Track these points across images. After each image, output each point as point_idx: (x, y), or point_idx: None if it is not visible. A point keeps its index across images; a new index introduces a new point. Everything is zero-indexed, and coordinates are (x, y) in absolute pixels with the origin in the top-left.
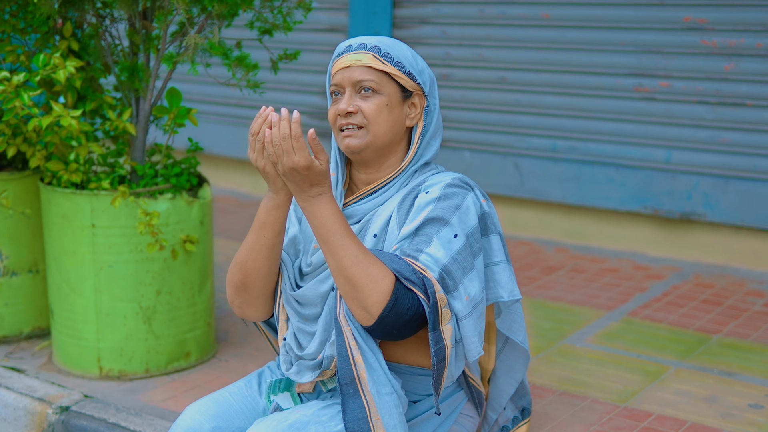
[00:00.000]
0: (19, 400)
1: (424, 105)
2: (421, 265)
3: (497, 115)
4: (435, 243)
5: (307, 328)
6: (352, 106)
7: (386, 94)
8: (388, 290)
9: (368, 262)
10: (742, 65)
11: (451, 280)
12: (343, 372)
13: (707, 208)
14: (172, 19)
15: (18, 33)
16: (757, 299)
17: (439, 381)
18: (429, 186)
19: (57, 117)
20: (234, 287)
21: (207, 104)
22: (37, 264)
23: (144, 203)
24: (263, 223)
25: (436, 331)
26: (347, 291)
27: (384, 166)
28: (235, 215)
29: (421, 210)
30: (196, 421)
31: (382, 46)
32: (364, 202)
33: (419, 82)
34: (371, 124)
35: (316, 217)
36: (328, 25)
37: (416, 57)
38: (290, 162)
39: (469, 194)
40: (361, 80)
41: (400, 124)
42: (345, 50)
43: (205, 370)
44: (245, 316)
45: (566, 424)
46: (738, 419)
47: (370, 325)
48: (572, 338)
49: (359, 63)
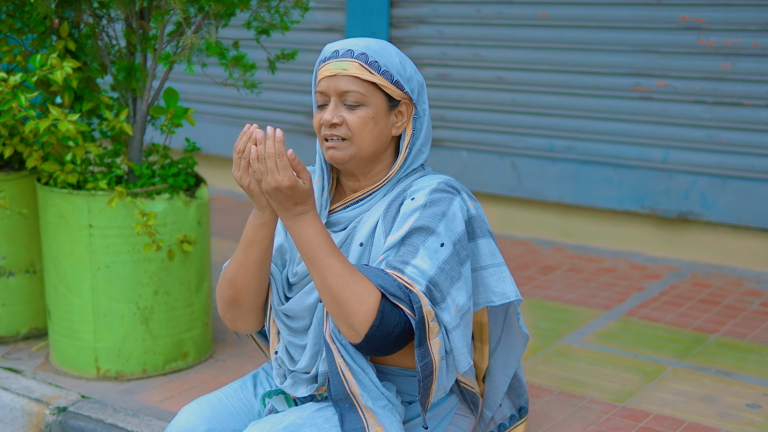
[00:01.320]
0: (16, 400)
1: (412, 112)
2: (407, 279)
3: (494, 115)
4: (421, 254)
5: (298, 341)
6: (336, 117)
7: (372, 106)
8: (374, 308)
9: (353, 280)
10: (740, 65)
11: (438, 291)
12: (336, 389)
13: (704, 207)
14: (169, 19)
15: (15, 33)
16: (754, 299)
17: (426, 395)
18: (414, 192)
19: (54, 120)
20: (224, 302)
21: (204, 104)
22: (34, 264)
23: (141, 203)
24: (251, 241)
25: (422, 347)
26: (333, 309)
27: (371, 174)
28: (232, 215)
29: (406, 218)
30: (190, 423)
31: (370, 53)
32: (351, 209)
33: (407, 91)
34: (355, 137)
35: (300, 235)
36: (325, 24)
37: (404, 63)
38: (274, 181)
39: (456, 199)
40: (346, 91)
41: (386, 135)
42: (331, 56)
43: (203, 370)
44: (237, 329)
45: (564, 424)
46: (736, 419)
47: (357, 342)
48: (570, 338)
49: (345, 72)
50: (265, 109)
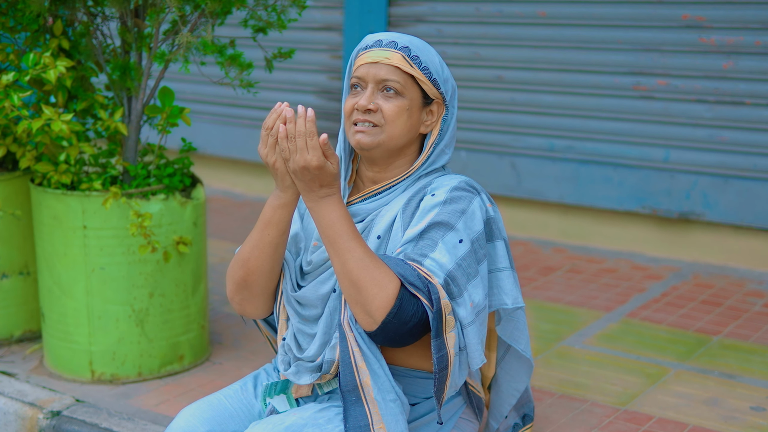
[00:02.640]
0: (9, 404)
1: (443, 113)
2: (426, 270)
3: (494, 114)
4: (440, 248)
5: (307, 329)
6: (372, 104)
7: (408, 98)
8: (393, 295)
9: (374, 265)
10: (741, 63)
11: (455, 286)
12: (346, 379)
13: (706, 207)
14: (164, 17)
15: (7, 31)
16: (756, 300)
17: (441, 390)
18: (435, 188)
19: (48, 120)
20: (235, 284)
21: (200, 104)
22: (28, 266)
23: (136, 204)
24: (268, 221)
25: (439, 339)
26: (351, 294)
27: (392, 167)
28: (228, 216)
29: (426, 213)
30: (190, 425)
31: (412, 48)
32: (369, 202)
33: (442, 91)
34: (388, 125)
35: (323, 218)
36: (322, 23)
37: (443, 65)
38: (302, 160)
39: (476, 198)
40: (386, 79)
41: (415, 130)
42: (374, 44)
43: (199, 373)
44: (244, 313)
45: (566, 428)
46: (740, 422)
47: (373, 330)
48: (571, 340)
49: (387, 61)
50: (261, 108)
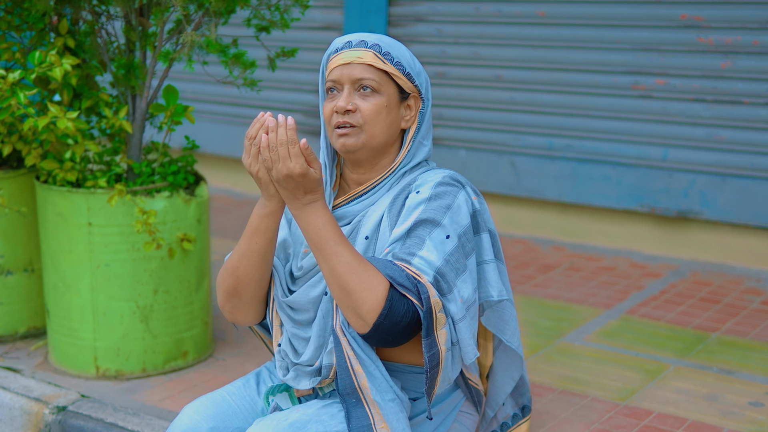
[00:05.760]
0: (15, 400)
1: (420, 107)
2: (415, 269)
3: (493, 114)
4: (427, 245)
5: (302, 333)
6: (351, 104)
7: (386, 95)
8: (382, 297)
9: (362, 269)
10: (739, 63)
11: (445, 282)
12: (344, 383)
13: (704, 206)
14: (168, 16)
15: (13, 30)
16: (754, 297)
17: (432, 386)
18: (419, 185)
19: (53, 118)
20: (225, 293)
21: (202, 103)
22: (33, 263)
23: (141, 201)
24: (255, 230)
25: (430, 337)
26: (342, 299)
27: (377, 167)
28: (230, 214)
29: (412, 211)
30: (194, 421)
31: (383, 45)
32: (355, 204)
33: (417, 84)
34: (367, 125)
35: (309, 224)
36: (323, 23)
37: (414, 58)
38: (285, 168)
39: (461, 192)
40: (361, 78)
41: (396, 126)
42: (344, 46)
43: (203, 369)
44: (236, 320)
45: (567, 423)
46: (738, 417)
47: (365, 332)
48: (571, 336)
49: (360, 60)
50: (264, 107)
